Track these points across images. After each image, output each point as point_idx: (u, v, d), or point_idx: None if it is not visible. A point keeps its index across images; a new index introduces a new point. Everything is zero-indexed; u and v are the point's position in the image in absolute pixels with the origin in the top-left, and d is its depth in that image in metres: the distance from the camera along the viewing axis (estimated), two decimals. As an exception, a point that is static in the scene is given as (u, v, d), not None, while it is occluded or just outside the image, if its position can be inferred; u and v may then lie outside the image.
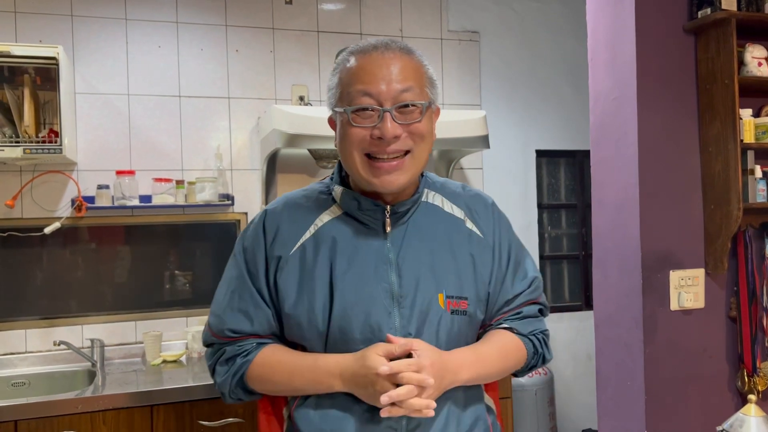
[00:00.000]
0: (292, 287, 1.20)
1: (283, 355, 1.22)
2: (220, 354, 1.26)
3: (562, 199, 3.82)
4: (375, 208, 1.20)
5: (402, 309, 1.17)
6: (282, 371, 1.20)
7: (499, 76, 3.57)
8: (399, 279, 1.18)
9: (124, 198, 2.80)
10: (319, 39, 3.24)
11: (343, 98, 1.16)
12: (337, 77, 1.18)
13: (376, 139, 1.13)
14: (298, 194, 1.30)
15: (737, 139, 2.06)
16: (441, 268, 1.21)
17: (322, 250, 1.19)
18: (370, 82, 1.12)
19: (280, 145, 2.67)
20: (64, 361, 2.77)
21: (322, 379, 1.15)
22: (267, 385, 1.23)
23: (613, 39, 2.21)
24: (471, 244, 1.25)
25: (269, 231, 1.24)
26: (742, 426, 1.05)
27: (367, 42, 1.19)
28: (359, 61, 1.15)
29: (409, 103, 1.14)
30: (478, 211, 1.30)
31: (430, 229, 1.24)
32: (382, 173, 1.15)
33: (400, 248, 1.20)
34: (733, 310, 2.23)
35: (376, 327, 1.15)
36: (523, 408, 3.30)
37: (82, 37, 2.88)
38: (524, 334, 1.29)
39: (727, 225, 2.10)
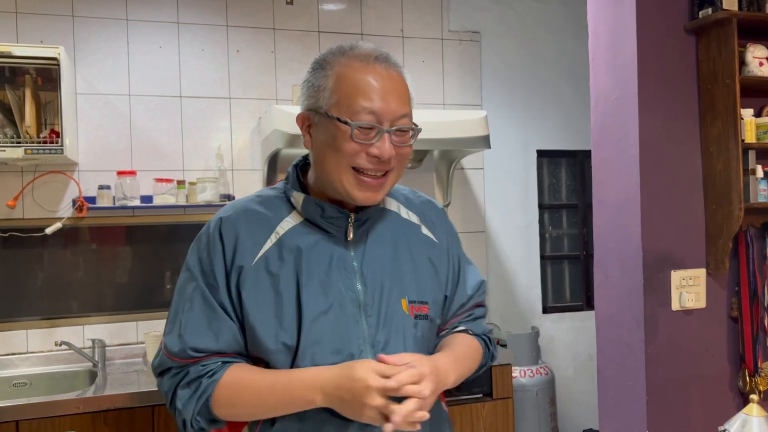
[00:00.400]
0: (255, 300, 1.13)
1: (253, 373, 1.14)
2: (182, 376, 1.15)
3: (563, 199, 3.81)
4: (339, 215, 1.18)
5: (369, 317, 1.16)
6: (253, 390, 1.11)
7: (500, 76, 3.57)
8: (364, 287, 1.17)
9: (125, 198, 2.80)
10: (319, 39, 3.24)
11: (341, 107, 1.12)
12: (332, 79, 1.13)
13: (373, 157, 1.12)
14: (251, 200, 1.23)
15: (738, 139, 2.06)
16: (402, 273, 1.21)
17: (287, 260, 1.15)
18: (376, 101, 1.11)
19: (281, 146, 2.67)
20: (66, 362, 2.77)
21: (299, 394, 1.08)
22: (235, 408, 1.13)
23: (614, 39, 2.21)
24: (428, 249, 1.27)
25: (227, 239, 1.16)
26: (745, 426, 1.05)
27: (364, 47, 1.16)
28: (362, 72, 1.13)
29: (406, 127, 1.14)
30: (431, 217, 1.33)
31: (389, 235, 1.24)
32: (367, 189, 1.14)
33: (362, 256, 1.19)
34: (734, 310, 2.22)
35: (345, 337, 1.13)
36: (524, 408, 3.30)
37: (83, 37, 2.88)
38: (478, 335, 1.34)
39: (729, 225, 2.10)
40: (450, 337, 1.30)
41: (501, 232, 3.55)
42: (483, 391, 2.74)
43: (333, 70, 1.14)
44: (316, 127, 1.16)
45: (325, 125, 1.14)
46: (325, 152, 1.14)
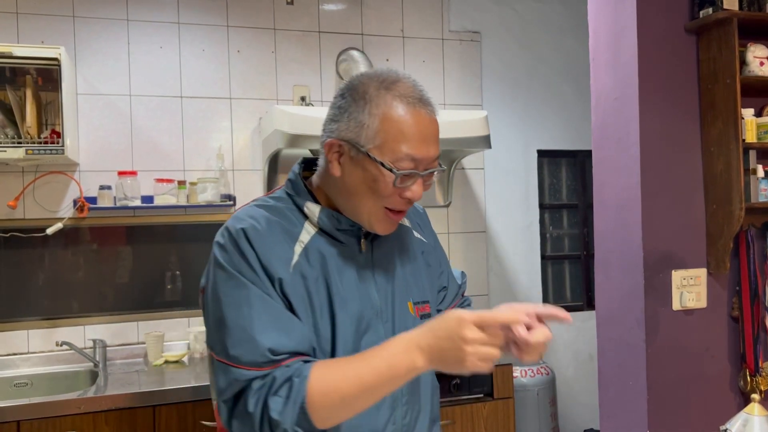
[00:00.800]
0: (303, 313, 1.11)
1: (338, 363, 1.08)
2: (269, 384, 1.03)
3: (564, 199, 3.81)
4: (353, 227, 1.20)
5: (385, 324, 1.20)
6: (347, 377, 1.03)
7: (501, 76, 3.58)
8: (378, 294, 1.21)
9: (125, 198, 2.80)
10: (320, 39, 3.24)
11: (384, 150, 1.10)
12: (378, 120, 1.10)
13: (405, 199, 1.15)
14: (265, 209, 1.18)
15: (739, 139, 2.06)
16: (405, 276, 1.27)
17: (316, 270, 1.14)
18: (419, 150, 1.11)
19: (281, 146, 2.67)
20: (66, 362, 2.77)
21: (398, 361, 1.01)
22: (332, 398, 1.02)
23: (615, 39, 2.21)
24: (421, 249, 1.35)
25: (259, 250, 1.10)
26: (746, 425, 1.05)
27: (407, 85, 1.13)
28: (409, 117, 1.11)
29: (438, 170, 1.17)
30: (417, 219, 1.40)
31: (390, 241, 1.27)
32: (391, 224, 1.19)
33: (373, 263, 1.23)
34: (735, 309, 2.22)
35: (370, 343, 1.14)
36: (525, 408, 3.30)
37: (83, 37, 2.88)
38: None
39: (729, 225, 2.10)
40: None
41: (501, 232, 3.55)
42: (483, 391, 2.74)
43: (378, 109, 1.11)
44: (350, 160, 1.14)
45: (362, 162, 1.12)
46: (360, 189, 1.14)
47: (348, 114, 1.13)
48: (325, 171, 1.20)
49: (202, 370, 2.67)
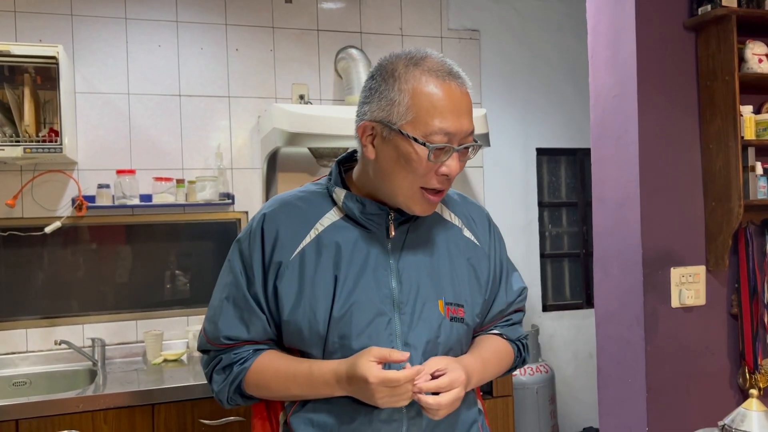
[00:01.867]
0: (291, 293, 1.17)
1: (279, 362, 1.20)
2: (216, 362, 1.24)
3: (563, 197, 3.81)
4: (380, 212, 1.19)
5: (402, 315, 1.16)
6: (278, 379, 1.18)
7: (500, 74, 3.57)
8: (400, 285, 1.17)
9: (124, 197, 2.80)
10: (319, 38, 3.24)
11: (417, 125, 1.09)
12: (408, 95, 1.10)
13: (442, 176, 1.12)
14: (295, 196, 1.25)
15: (738, 136, 2.06)
16: (440, 274, 1.21)
17: (325, 256, 1.17)
18: (452, 122, 1.09)
19: (280, 144, 2.67)
20: (65, 361, 2.77)
21: (319, 387, 1.14)
22: (264, 391, 1.21)
23: (614, 37, 2.21)
24: (468, 251, 1.27)
25: (268, 235, 1.19)
26: (744, 420, 1.05)
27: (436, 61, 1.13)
28: (440, 90, 1.10)
29: (474, 145, 1.14)
30: (475, 220, 1.33)
31: (429, 236, 1.24)
32: (430, 205, 1.16)
33: (400, 254, 1.19)
34: (734, 307, 2.22)
35: (375, 333, 1.15)
36: (524, 406, 3.30)
37: (82, 36, 2.88)
38: (513, 340, 1.34)
39: (728, 222, 2.10)
40: (481, 338, 1.31)
41: (501, 230, 3.53)
42: (483, 389, 2.73)
43: (408, 85, 1.10)
44: (383, 141, 1.13)
45: (395, 141, 1.11)
46: (395, 169, 1.13)
47: (378, 94, 1.13)
48: (361, 158, 1.21)
49: (201, 369, 2.66)
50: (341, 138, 2.68)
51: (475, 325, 1.27)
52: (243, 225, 3.06)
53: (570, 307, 3.76)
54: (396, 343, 1.15)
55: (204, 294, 3.01)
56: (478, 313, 1.27)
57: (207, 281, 3.01)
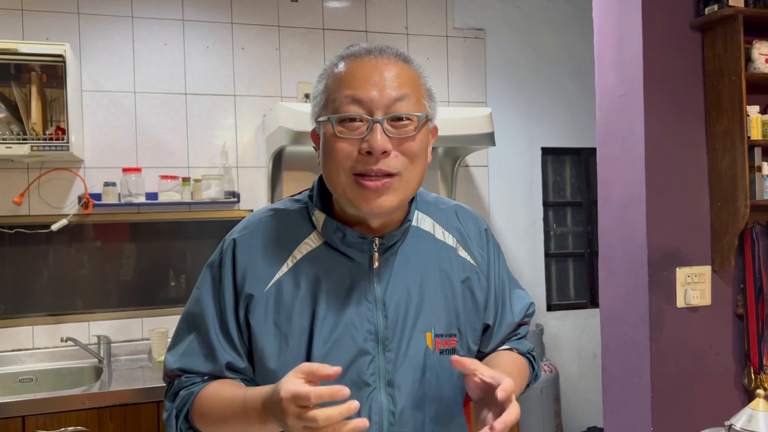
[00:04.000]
0: (265, 328, 1.05)
1: (224, 388, 1.05)
2: (168, 389, 1.11)
3: (568, 196, 3.81)
4: (362, 241, 1.06)
5: (387, 352, 1.05)
6: (218, 406, 1.02)
7: (505, 74, 3.57)
8: (385, 320, 1.06)
9: (130, 195, 2.81)
10: (324, 36, 3.24)
11: (327, 106, 1.01)
12: (323, 84, 1.04)
13: (365, 154, 0.98)
14: (270, 217, 1.12)
15: (744, 136, 2.06)
16: (430, 304, 1.09)
17: (302, 289, 1.05)
18: (360, 87, 0.99)
19: (285, 143, 2.67)
20: (71, 358, 2.78)
21: (250, 415, 0.96)
22: (207, 423, 1.05)
23: (620, 36, 2.20)
24: (464, 273, 1.14)
25: (240, 265, 1.07)
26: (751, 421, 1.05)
27: (360, 46, 1.05)
28: (349, 66, 1.02)
29: (403, 115, 0.99)
30: (472, 237, 1.19)
31: (419, 260, 1.11)
32: (371, 194, 0.99)
33: (387, 285, 1.07)
34: (739, 307, 2.22)
35: (357, 374, 1.03)
36: (529, 406, 3.30)
37: (88, 34, 2.89)
38: (524, 353, 1.24)
39: (734, 222, 2.10)
40: (496, 354, 1.20)
41: (505, 229, 3.55)
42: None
43: (325, 75, 1.05)
44: (320, 139, 1.05)
45: (322, 131, 1.03)
46: (325, 163, 1.03)
47: (312, 98, 1.08)
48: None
49: (206, 367, 2.67)
50: (346, 137, 2.68)
51: (471, 353, 1.16)
52: (248, 223, 3.07)
53: (574, 307, 3.75)
54: (380, 384, 1.05)
55: (209, 292, 3.01)
56: (477, 338, 1.17)
57: (212, 279, 3.02)
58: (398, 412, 1.05)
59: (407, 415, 1.05)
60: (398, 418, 1.05)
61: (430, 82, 1.08)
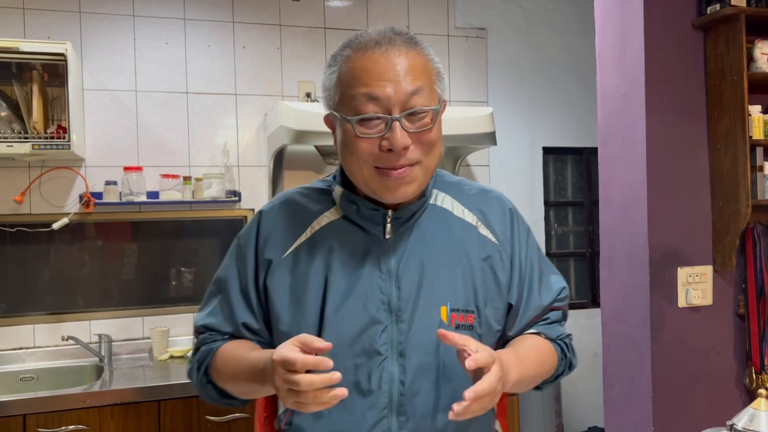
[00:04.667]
0: (281, 292, 1.10)
1: (240, 347, 1.11)
2: (193, 348, 1.20)
3: (569, 196, 3.81)
4: (374, 212, 1.10)
5: (400, 324, 1.07)
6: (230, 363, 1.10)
7: (506, 73, 3.57)
8: (398, 291, 1.08)
9: (131, 194, 2.81)
10: (326, 36, 3.24)
11: (344, 102, 1.03)
12: (336, 76, 1.05)
13: (385, 151, 1.01)
14: (297, 193, 1.19)
15: (746, 136, 2.05)
16: (446, 278, 1.10)
17: (317, 258, 1.10)
18: (375, 84, 1.00)
19: (287, 142, 2.67)
20: (72, 356, 2.78)
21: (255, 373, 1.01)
22: (222, 378, 1.12)
23: (622, 35, 2.20)
24: (484, 251, 1.14)
25: (262, 232, 1.15)
26: (753, 420, 1.05)
27: (367, 34, 1.05)
28: (360, 60, 1.02)
29: (419, 109, 1.01)
30: (495, 216, 1.18)
31: (436, 236, 1.12)
32: (393, 183, 1.03)
33: (401, 257, 1.09)
34: (741, 307, 2.22)
35: (368, 343, 1.06)
36: (529, 405, 3.29)
37: (90, 33, 2.89)
38: (553, 339, 1.20)
39: (736, 222, 2.09)
40: (520, 337, 1.18)
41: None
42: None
43: (336, 66, 1.05)
44: (336, 128, 1.08)
45: (340, 125, 1.06)
46: (344, 154, 1.07)
47: (322, 84, 1.10)
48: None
49: (207, 366, 2.68)
50: (348, 136, 2.68)
51: (494, 333, 1.15)
52: (249, 222, 3.07)
53: (575, 307, 3.75)
54: (391, 354, 1.06)
55: (210, 291, 3.01)
56: (500, 318, 1.15)
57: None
58: (408, 382, 1.06)
59: (418, 386, 1.06)
60: (408, 388, 1.06)
61: (437, 62, 1.09)
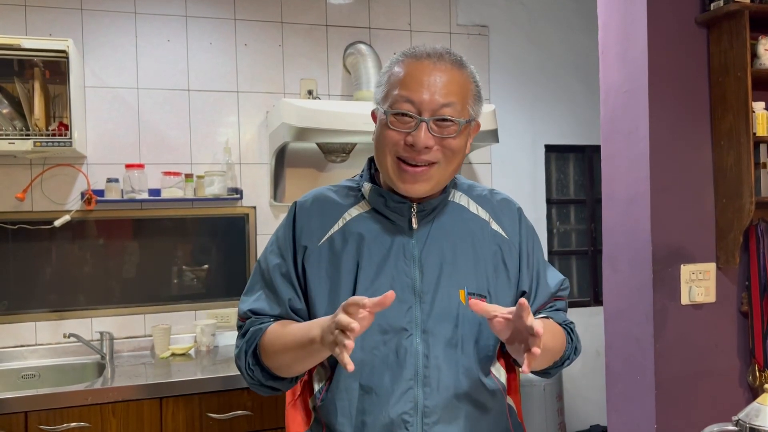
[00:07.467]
0: (318, 276, 1.23)
1: (290, 323, 1.22)
2: (242, 333, 1.27)
3: (571, 194, 3.80)
4: (401, 204, 1.23)
5: (423, 304, 1.19)
6: (282, 336, 1.19)
7: (508, 71, 3.56)
8: (421, 275, 1.21)
9: (133, 191, 2.81)
10: (327, 33, 3.23)
11: (386, 99, 1.18)
12: (386, 76, 1.21)
13: (408, 146, 1.15)
14: (329, 189, 1.33)
15: (750, 133, 2.05)
16: (463, 265, 1.23)
17: (349, 245, 1.23)
18: (414, 90, 1.15)
19: (288, 139, 2.67)
20: (74, 354, 2.78)
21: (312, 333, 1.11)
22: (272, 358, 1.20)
23: (625, 32, 2.19)
24: (495, 244, 1.28)
25: (299, 221, 1.27)
26: (758, 416, 1.04)
27: (423, 47, 1.21)
28: (409, 67, 1.17)
29: (447, 117, 1.15)
30: (505, 214, 1.33)
31: (454, 228, 1.26)
32: (408, 178, 1.18)
33: (424, 245, 1.23)
34: (744, 304, 2.21)
35: (395, 320, 1.18)
36: (532, 403, 3.29)
37: (91, 30, 2.89)
38: (559, 323, 1.33)
39: (739, 219, 2.09)
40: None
41: (508, 227, 3.54)
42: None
43: (389, 69, 1.21)
44: (377, 121, 1.23)
45: (379, 117, 1.21)
46: (376, 142, 1.22)
47: (376, 83, 1.26)
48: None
49: (209, 363, 2.67)
50: (349, 133, 2.68)
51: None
52: (251, 220, 3.07)
53: (578, 305, 3.74)
54: (415, 330, 1.19)
55: (212, 288, 3.01)
56: (510, 304, 1.24)
57: (215, 276, 3.02)
58: (431, 356, 1.18)
59: (440, 359, 1.19)
60: (431, 361, 1.18)
61: (479, 86, 1.24)
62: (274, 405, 2.44)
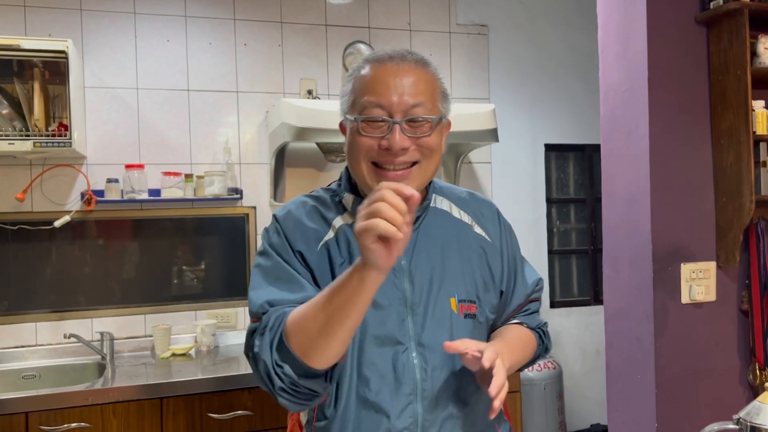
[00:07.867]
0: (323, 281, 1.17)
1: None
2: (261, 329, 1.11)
3: (571, 193, 3.80)
4: None
5: (415, 316, 1.17)
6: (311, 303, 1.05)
7: (508, 70, 3.56)
8: (412, 286, 1.18)
9: (133, 192, 2.81)
10: (327, 33, 3.23)
11: (354, 106, 1.16)
12: (351, 85, 1.18)
13: (384, 150, 1.12)
14: (308, 197, 1.28)
15: (749, 131, 2.05)
16: (452, 272, 1.22)
17: (342, 255, 1.19)
18: (382, 94, 1.12)
19: (288, 139, 2.67)
20: (74, 354, 2.78)
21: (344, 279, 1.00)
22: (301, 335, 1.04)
23: (625, 31, 2.19)
24: (480, 247, 1.27)
25: (289, 230, 1.20)
26: (759, 414, 1.04)
27: (384, 51, 1.18)
28: (373, 71, 1.15)
29: (419, 117, 1.13)
30: (486, 216, 1.33)
31: (439, 234, 1.24)
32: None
33: (411, 255, 1.20)
34: (744, 303, 2.21)
35: (390, 335, 1.16)
36: (532, 402, 3.29)
37: (91, 30, 2.89)
38: (533, 328, 1.35)
39: (739, 218, 2.09)
40: (503, 327, 1.32)
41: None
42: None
43: (352, 76, 1.18)
44: (347, 131, 1.20)
45: (349, 126, 1.18)
46: (349, 153, 1.18)
47: (340, 94, 1.22)
48: None
49: (209, 363, 2.67)
50: (349, 133, 2.68)
51: (488, 321, 1.28)
52: (251, 220, 3.07)
53: (578, 304, 3.75)
54: (410, 344, 1.17)
55: (212, 289, 3.01)
56: (492, 308, 1.28)
57: (215, 276, 3.02)
58: (429, 369, 1.16)
59: (438, 371, 1.17)
60: (430, 374, 1.17)
61: (445, 84, 1.22)
62: (274, 405, 2.44)
